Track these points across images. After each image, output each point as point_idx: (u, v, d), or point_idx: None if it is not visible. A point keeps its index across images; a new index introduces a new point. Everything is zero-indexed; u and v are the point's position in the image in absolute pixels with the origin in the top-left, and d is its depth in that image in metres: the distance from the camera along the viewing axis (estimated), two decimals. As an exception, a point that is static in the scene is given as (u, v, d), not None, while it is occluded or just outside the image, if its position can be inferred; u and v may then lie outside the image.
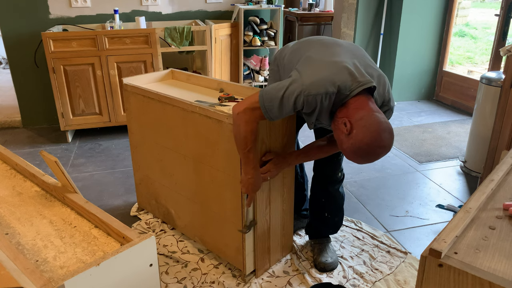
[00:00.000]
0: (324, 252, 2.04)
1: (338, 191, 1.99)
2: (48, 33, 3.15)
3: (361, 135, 1.35)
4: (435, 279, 0.86)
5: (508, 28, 3.70)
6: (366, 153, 1.36)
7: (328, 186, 1.97)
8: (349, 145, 1.38)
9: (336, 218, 2.06)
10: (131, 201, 2.58)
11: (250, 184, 1.66)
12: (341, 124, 1.41)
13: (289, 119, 1.81)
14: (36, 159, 3.17)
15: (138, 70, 3.40)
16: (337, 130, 1.44)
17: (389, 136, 1.37)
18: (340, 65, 1.44)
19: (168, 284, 1.90)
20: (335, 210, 2.03)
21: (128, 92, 2.18)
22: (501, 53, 2.36)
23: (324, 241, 2.09)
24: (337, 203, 2.02)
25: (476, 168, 2.89)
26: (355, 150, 1.37)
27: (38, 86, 3.72)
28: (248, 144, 1.57)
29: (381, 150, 1.36)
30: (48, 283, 0.94)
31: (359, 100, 1.41)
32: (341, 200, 2.03)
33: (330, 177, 1.96)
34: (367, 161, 1.40)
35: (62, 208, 1.37)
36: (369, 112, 1.38)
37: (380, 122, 1.37)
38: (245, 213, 1.77)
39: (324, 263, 1.98)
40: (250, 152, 1.59)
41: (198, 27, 3.53)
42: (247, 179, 1.65)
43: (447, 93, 4.47)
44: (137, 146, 2.28)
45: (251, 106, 1.51)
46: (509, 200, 1.08)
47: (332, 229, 2.10)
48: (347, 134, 1.38)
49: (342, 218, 2.09)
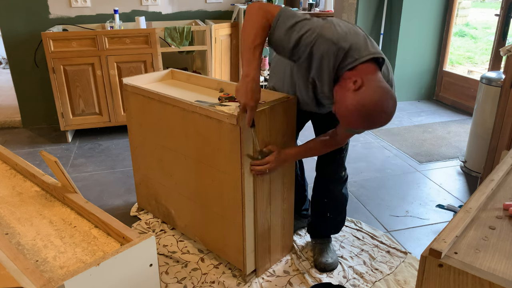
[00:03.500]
0: (325, 252, 2.03)
1: (341, 192, 1.98)
2: (48, 33, 3.15)
3: (370, 93, 1.33)
4: (435, 279, 0.86)
5: (508, 28, 3.70)
6: (368, 114, 1.34)
7: (331, 186, 1.96)
8: (354, 102, 1.34)
9: (338, 218, 2.05)
10: (131, 201, 2.58)
11: (249, 88, 1.48)
12: (349, 83, 1.38)
13: (289, 118, 1.81)
14: (36, 159, 3.17)
15: (138, 70, 3.40)
16: (341, 89, 1.41)
17: (393, 105, 1.37)
18: (357, 31, 1.46)
19: (168, 284, 1.90)
20: (337, 211, 2.02)
21: (128, 92, 2.18)
22: (501, 53, 2.36)
23: (325, 241, 2.08)
24: (339, 203, 2.01)
25: (476, 168, 2.89)
26: (359, 107, 1.34)
27: (38, 86, 3.72)
28: (257, 38, 1.47)
29: (383, 115, 1.35)
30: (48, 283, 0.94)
31: (369, 67, 1.40)
32: (344, 200, 2.01)
33: (332, 176, 1.95)
34: (364, 122, 1.36)
35: (62, 208, 1.37)
36: (380, 79, 1.39)
37: (389, 90, 1.37)
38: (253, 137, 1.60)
39: (325, 263, 1.98)
40: (256, 49, 1.47)
41: (198, 27, 3.53)
42: (247, 81, 1.48)
43: (447, 93, 4.47)
44: (137, 146, 2.28)
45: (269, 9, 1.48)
46: (509, 200, 1.08)
47: (334, 229, 2.09)
48: (355, 90, 1.35)
49: (344, 218, 2.08)
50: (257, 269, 1.93)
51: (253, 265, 1.91)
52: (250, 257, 1.87)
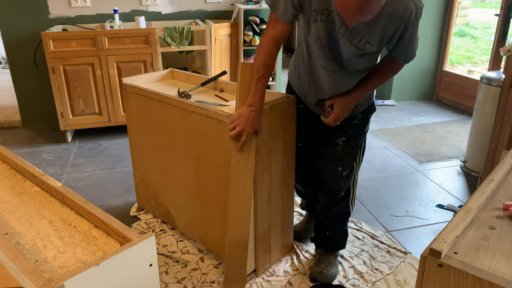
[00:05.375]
0: (322, 263, 1.95)
1: (338, 213, 1.91)
2: (48, 33, 3.15)
3: None
4: (435, 279, 0.86)
5: (508, 28, 3.70)
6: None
7: (328, 206, 1.90)
8: None
9: (338, 239, 1.99)
10: (131, 201, 2.58)
11: (251, 118, 1.53)
12: None
13: (289, 118, 1.81)
14: (36, 159, 3.17)
15: (137, 70, 3.39)
16: None
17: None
18: None
19: (168, 284, 1.90)
20: (336, 231, 1.97)
21: (128, 92, 2.18)
22: (501, 53, 2.36)
23: (326, 253, 1.99)
24: (338, 224, 1.95)
25: (476, 168, 2.88)
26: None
27: (37, 86, 3.71)
28: (260, 69, 1.52)
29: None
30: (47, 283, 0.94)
31: None
32: (342, 220, 1.95)
33: (331, 197, 1.88)
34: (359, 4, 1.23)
35: (62, 208, 1.37)
36: None
37: None
38: None
39: (317, 273, 1.90)
40: (260, 80, 1.53)
41: (198, 27, 3.53)
42: (249, 111, 1.53)
43: (447, 93, 4.47)
44: (137, 146, 2.28)
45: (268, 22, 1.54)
46: (509, 200, 1.08)
47: (336, 248, 2.01)
48: None
49: (346, 237, 2.01)
50: (257, 269, 1.93)
51: (253, 265, 1.91)
52: (250, 257, 1.87)
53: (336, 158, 1.79)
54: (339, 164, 1.79)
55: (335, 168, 1.80)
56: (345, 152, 1.78)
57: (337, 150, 1.78)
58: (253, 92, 1.55)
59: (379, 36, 1.45)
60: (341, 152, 1.78)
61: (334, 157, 1.79)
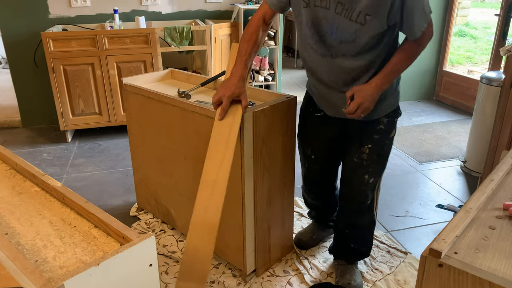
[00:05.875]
0: (347, 274, 1.88)
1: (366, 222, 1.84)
2: (48, 33, 3.15)
3: None
4: (435, 279, 0.86)
5: (508, 28, 3.70)
6: None
7: (354, 217, 1.82)
8: None
9: (363, 249, 1.90)
10: (131, 201, 2.58)
11: (230, 82, 1.56)
12: None
13: (289, 118, 1.81)
14: (36, 159, 3.17)
15: (137, 70, 3.39)
16: None
17: None
18: None
19: (168, 284, 1.90)
20: (362, 241, 1.89)
21: (128, 92, 2.18)
22: (501, 53, 2.36)
23: (347, 263, 1.93)
24: (365, 233, 1.88)
25: (476, 168, 2.88)
26: None
27: (37, 86, 3.71)
28: (245, 34, 1.61)
29: None
30: (47, 283, 0.94)
31: None
32: (370, 229, 1.88)
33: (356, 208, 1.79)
34: None
35: (62, 208, 1.37)
36: None
37: None
38: None
39: (345, 284, 1.84)
40: (242, 42, 1.60)
41: (198, 27, 3.53)
42: (230, 77, 1.57)
43: (447, 93, 4.47)
44: (137, 146, 2.28)
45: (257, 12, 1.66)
46: (509, 200, 1.08)
47: (359, 258, 1.94)
48: None
49: (371, 247, 1.94)
50: (257, 269, 1.93)
51: (253, 265, 1.91)
52: (250, 257, 1.87)
53: (362, 167, 1.70)
54: (366, 172, 1.71)
55: (361, 177, 1.71)
56: (371, 159, 1.69)
57: (362, 158, 1.69)
58: (236, 61, 1.60)
59: (376, 4, 1.39)
60: (368, 160, 1.69)
61: (359, 165, 1.70)
